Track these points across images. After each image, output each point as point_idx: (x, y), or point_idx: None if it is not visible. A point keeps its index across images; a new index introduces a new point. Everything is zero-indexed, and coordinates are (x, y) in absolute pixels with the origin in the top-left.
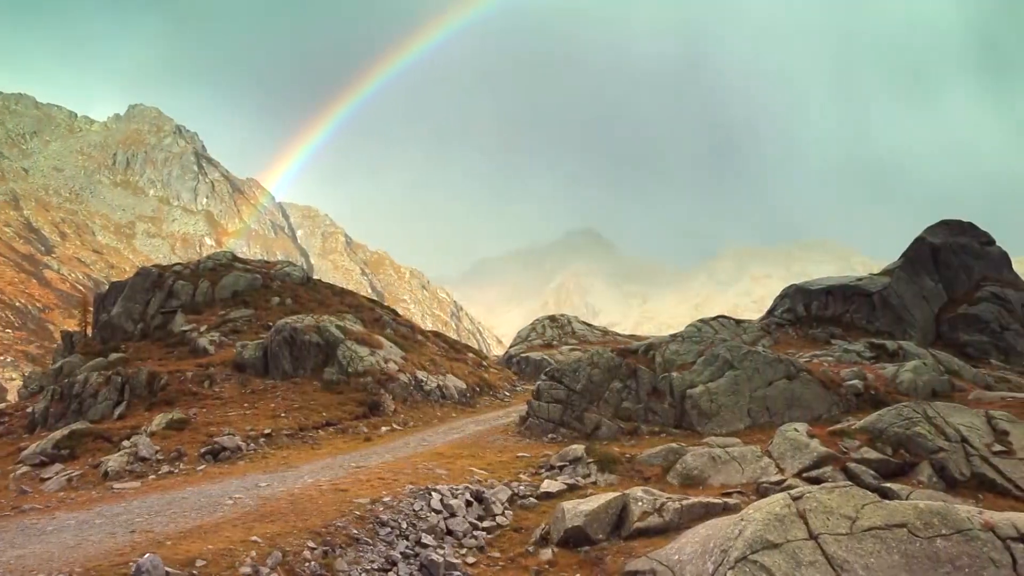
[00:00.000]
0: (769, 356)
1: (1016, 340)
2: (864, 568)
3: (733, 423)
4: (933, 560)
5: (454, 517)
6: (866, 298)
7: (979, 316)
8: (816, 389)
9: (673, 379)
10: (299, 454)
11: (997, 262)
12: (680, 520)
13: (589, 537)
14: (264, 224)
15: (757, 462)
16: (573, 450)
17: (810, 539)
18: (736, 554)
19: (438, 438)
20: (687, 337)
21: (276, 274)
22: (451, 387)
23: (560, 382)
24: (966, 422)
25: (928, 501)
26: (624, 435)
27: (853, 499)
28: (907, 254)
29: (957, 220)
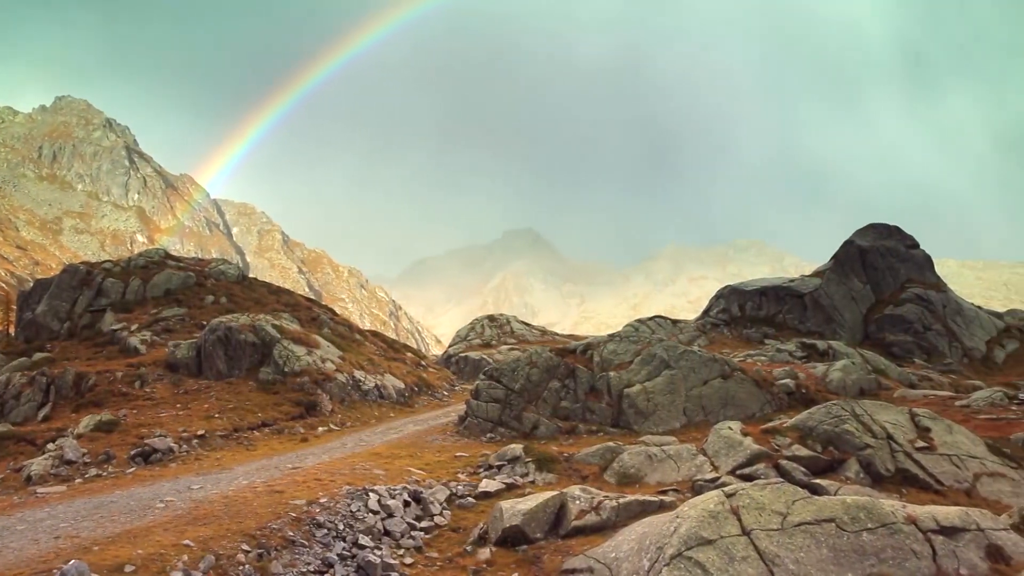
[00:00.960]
0: (704, 356)
1: (938, 340)
2: (794, 562)
3: (669, 422)
4: (859, 553)
5: (392, 518)
6: (798, 299)
7: (904, 317)
8: (750, 388)
9: (611, 378)
10: (234, 455)
11: (921, 264)
12: (617, 518)
13: (527, 536)
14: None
15: (692, 460)
16: (511, 449)
17: (743, 535)
18: (672, 551)
19: (376, 438)
20: (625, 337)
21: (211, 272)
22: (389, 387)
23: (499, 381)
24: (891, 419)
25: (855, 496)
26: (562, 434)
27: (784, 495)
28: (837, 256)
29: (884, 224)
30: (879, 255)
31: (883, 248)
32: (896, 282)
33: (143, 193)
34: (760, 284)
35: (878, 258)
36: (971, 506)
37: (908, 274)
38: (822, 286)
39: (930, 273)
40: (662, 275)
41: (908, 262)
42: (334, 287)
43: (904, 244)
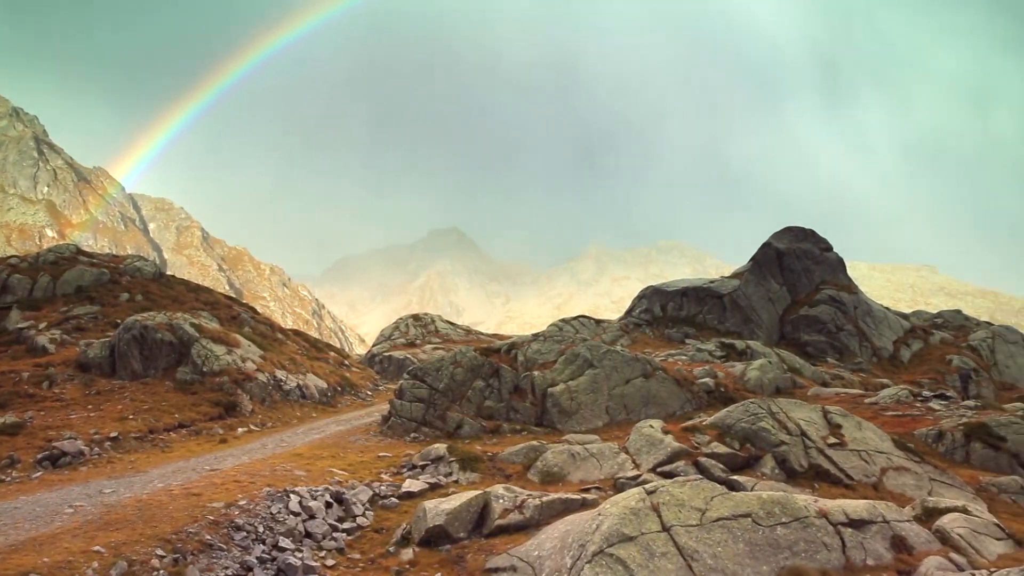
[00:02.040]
0: (627, 355)
1: (849, 340)
2: (712, 557)
3: (592, 420)
4: (774, 547)
5: (313, 519)
6: (718, 300)
7: (818, 317)
8: (671, 387)
9: (535, 378)
10: (149, 458)
11: (834, 267)
12: (540, 516)
13: (451, 536)
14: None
15: (615, 458)
16: (435, 449)
17: (663, 531)
18: (593, 548)
19: (298, 439)
20: (549, 336)
21: (126, 269)
22: (312, 387)
23: (423, 381)
24: (805, 417)
25: (770, 492)
26: (486, 433)
27: (703, 492)
28: (755, 258)
29: (800, 227)
30: (795, 257)
31: (799, 250)
32: (811, 283)
33: (53, 186)
34: (681, 285)
35: (794, 260)
36: (878, 499)
37: (822, 276)
38: (741, 287)
39: (843, 275)
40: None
41: (822, 264)
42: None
43: (819, 247)
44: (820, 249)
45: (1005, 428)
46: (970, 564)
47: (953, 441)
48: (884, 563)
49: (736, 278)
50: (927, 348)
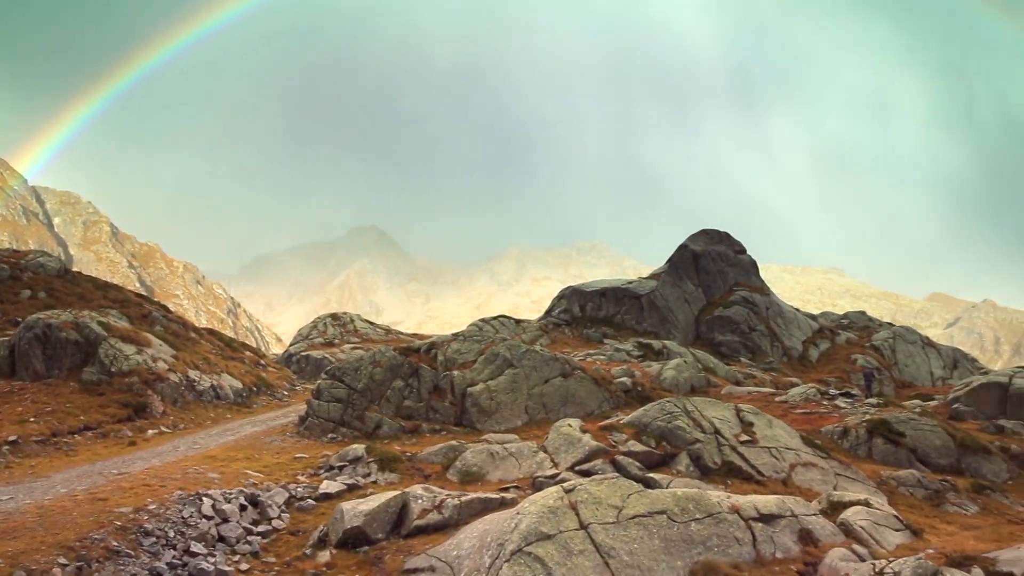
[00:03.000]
0: (546, 355)
1: (761, 340)
2: (628, 554)
3: (512, 420)
4: (688, 542)
5: (227, 523)
6: (635, 300)
7: (732, 318)
8: (589, 386)
9: (455, 377)
10: (51, 462)
11: (747, 269)
12: (459, 516)
13: (369, 537)
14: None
15: (534, 457)
16: (353, 450)
17: (581, 529)
18: (512, 547)
19: (211, 440)
20: (469, 336)
21: (28, 265)
22: (226, 387)
23: (341, 381)
24: (719, 415)
25: (685, 489)
26: (406, 433)
27: (620, 490)
28: (672, 260)
29: (715, 230)
30: (711, 259)
31: (714, 252)
32: (725, 285)
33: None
34: (600, 285)
35: (710, 262)
36: (787, 494)
37: (736, 278)
38: (658, 288)
39: (755, 277)
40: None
41: (736, 266)
42: (168, 283)
43: (733, 249)
44: (734, 251)
45: (904, 424)
46: (871, 555)
47: (857, 437)
48: (792, 556)
49: (653, 279)
50: (834, 348)
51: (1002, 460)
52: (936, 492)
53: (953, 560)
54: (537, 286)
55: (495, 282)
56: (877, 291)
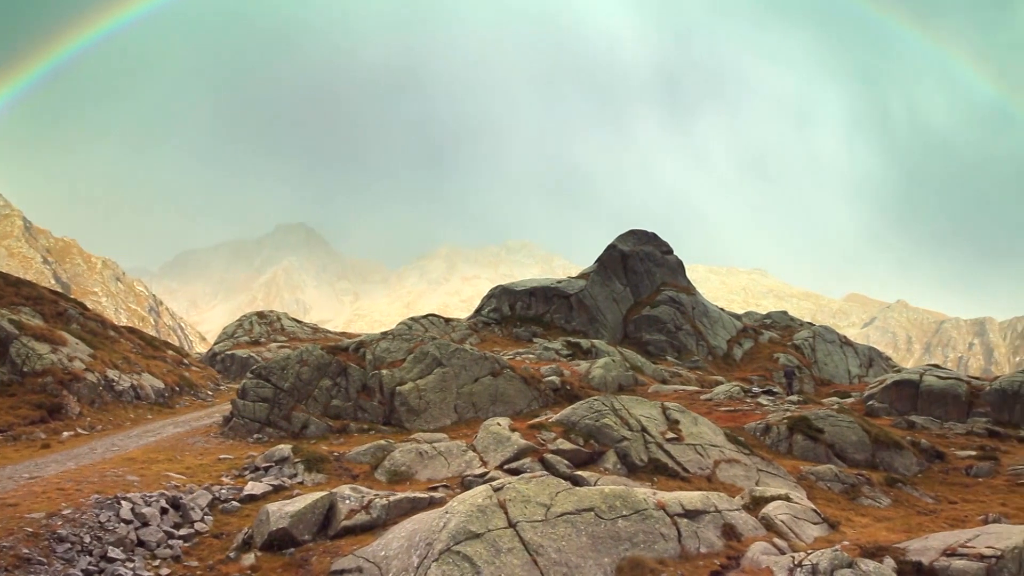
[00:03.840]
0: (476, 354)
1: (688, 339)
2: (556, 551)
3: (441, 419)
4: (615, 539)
5: (147, 527)
6: (565, 299)
7: (659, 317)
8: (518, 385)
9: (383, 376)
10: None
11: (674, 269)
12: (387, 516)
13: (295, 539)
14: None
15: (463, 456)
16: (280, 450)
17: (509, 527)
18: (440, 546)
19: (131, 442)
20: (398, 335)
21: None
22: (147, 387)
23: (267, 380)
24: (646, 413)
25: (612, 486)
26: (333, 433)
27: (548, 488)
28: (601, 259)
29: (643, 230)
30: (638, 259)
31: (642, 253)
32: (653, 285)
33: None
34: (530, 285)
35: (638, 262)
36: (711, 490)
37: (663, 278)
38: (587, 288)
39: (682, 277)
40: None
41: (663, 267)
42: (85, 280)
43: (660, 250)
44: (661, 252)
45: (823, 421)
46: (791, 548)
47: (778, 434)
48: (716, 550)
49: (582, 279)
50: (757, 347)
51: (913, 454)
52: (852, 486)
53: (867, 551)
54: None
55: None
56: (798, 291)
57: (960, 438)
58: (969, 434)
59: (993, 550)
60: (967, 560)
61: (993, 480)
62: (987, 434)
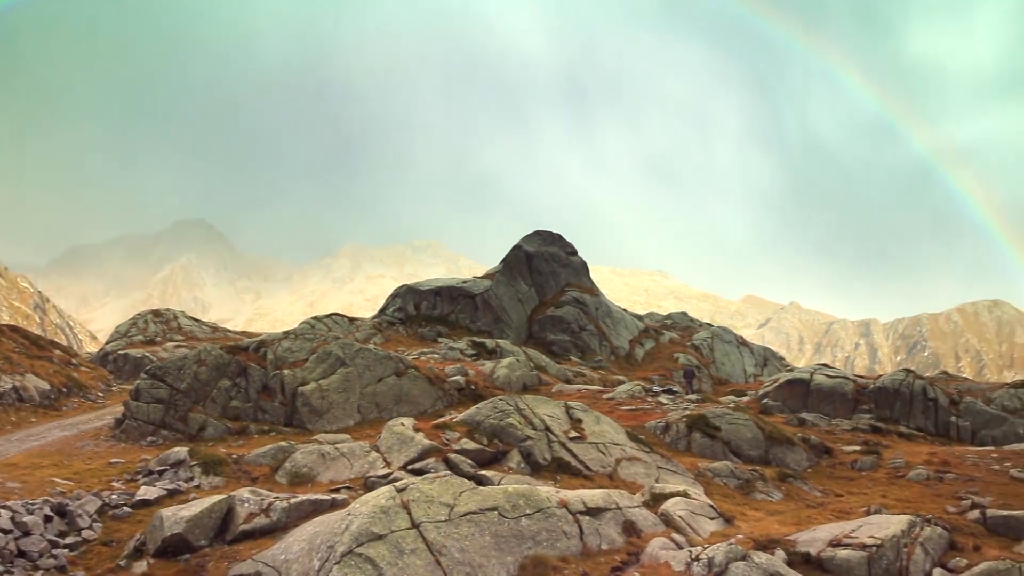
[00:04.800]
0: (380, 353)
1: (591, 339)
2: (460, 551)
3: (344, 419)
4: (518, 538)
5: (28, 536)
6: (470, 299)
7: (563, 318)
8: (423, 385)
9: (285, 376)
10: None
11: (579, 270)
12: (288, 519)
13: (190, 544)
14: None
15: (366, 457)
16: (175, 453)
17: (413, 528)
18: (342, 548)
19: (12, 447)
20: (300, 334)
21: None
22: (31, 388)
23: (163, 381)
24: (550, 412)
25: (516, 485)
26: (232, 435)
27: (452, 487)
28: (506, 260)
29: (548, 231)
30: (543, 260)
31: (547, 253)
32: (557, 285)
33: None
34: (435, 284)
35: (542, 263)
36: (613, 488)
37: (568, 278)
38: (492, 288)
39: (586, 278)
40: (341, 273)
41: (568, 267)
42: None
43: (565, 251)
44: (566, 253)
45: (720, 419)
46: (688, 542)
47: (677, 432)
48: (617, 547)
49: (488, 279)
50: (658, 347)
51: (803, 450)
52: (747, 482)
53: (760, 544)
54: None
55: (329, 279)
56: (698, 293)
57: (846, 434)
58: (854, 430)
59: (874, 539)
60: (851, 550)
61: (875, 473)
62: (870, 430)
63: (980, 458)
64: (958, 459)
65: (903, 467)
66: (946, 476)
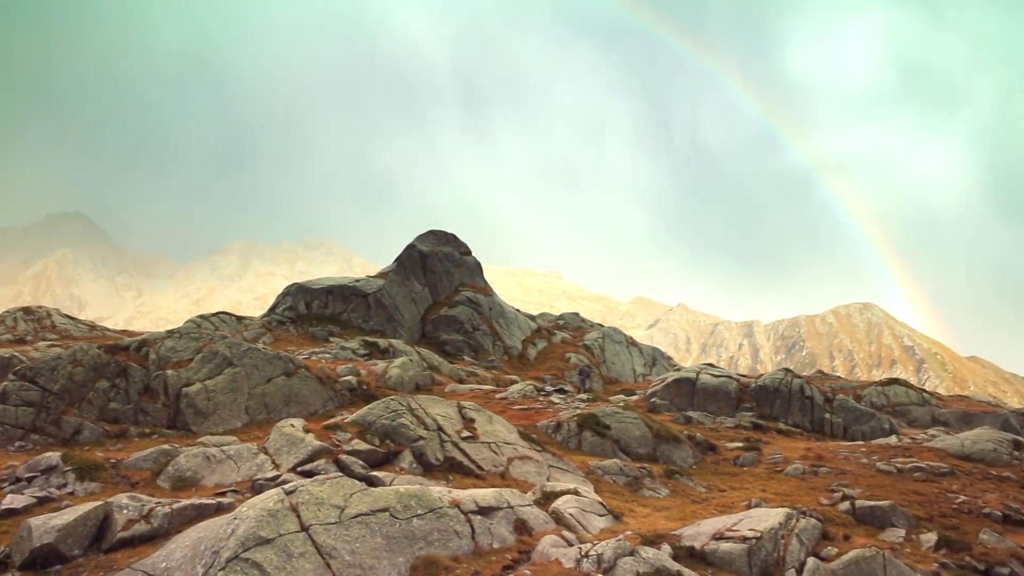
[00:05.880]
0: (269, 353)
1: (484, 339)
2: (350, 553)
3: (231, 421)
4: (410, 538)
5: None
6: (363, 298)
7: (456, 317)
8: (314, 385)
9: (168, 377)
10: None
11: (473, 270)
12: (170, 525)
13: (62, 554)
14: None
15: (254, 459)
16: (46, 458)
17: (302, 531)
18: (228, 554)
19: None
20: (185, 333)
21: None
22: None
23: (34, 382)
24: (442, 412)
25: (408, 486)
26: (111, 438)
27: (343, 489)
28: (400, 259)
29: (443, 231)
30: (437, 260)
31: (441, 253)
32: (451, 285)
33: None
34: (327, 283)
35: (436, 262)
36: (505, 487)
37: (462, 278)
38: (385, 287)
39: (480, 278)
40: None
41: (462, 267)
42: None
43: (459, 251)
44: (460, 253)
45: (610, 418)
46: (578, 539)
47: (569, 431)
48: (508, 545)
49: (381, 278)
50: (550, 347)
51: (689, 447)
52: (635, 479)
53: (647, 539)
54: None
55: (216, 277)
56: (590, 294)
57: (730, 431)
58: (737, 427)
59: (754, 532)
60: (732, 543)
61: (756, 469)
62: (752, 427)
63: (851, 452)
64: (831, 454)
65: (782, 462)
66: (820, 470)
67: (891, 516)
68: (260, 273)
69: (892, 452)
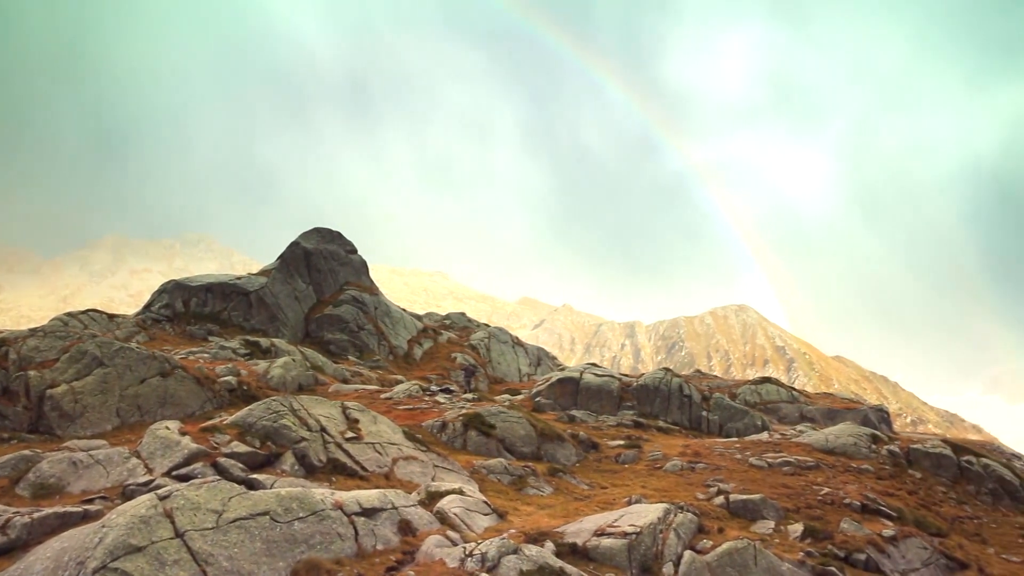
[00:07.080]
0: (143, 353)
1: (370, 338)
2: (228, 559)
3: (101, 424)
4: (291, 542)
5: None
6: (244, 296)
7: (341, 317)
8: (191, 386)
9: (30, 378)
10: None
11: (358, 269)
12: (30, 536)
13: None
14: None
15: (125, 464)
16: None
17: (176, 537)
18: (95, 564)
19: None
20: (50, 332)
21: None
22: None
23: None
24: (326, 413)
25: (289, 488)
26: None
27: (221, 493)
28: (283, 256)
29: (328, 229)
30: (322, 258)
31: (326, 251)
32: (336, 284)
33: None
34: (207, 280)
35: (321, 260)
36: (390, 488)
37: (347, 277)
38: (268, 285)
39: (365, 277)
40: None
41: (347, 266)
42: None
43: (344, 249)
44: (346, 251)
45: (495, 417)
46: (463, 539)
47: (454, 430)
48: (392, 546)
49: (264, 276)
50: (436, 347)
51: (572, 446)
52: (520, 477)
53: (531, 537)
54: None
55: (86, 273)
56: (476, 294)
57: (612, 429)
58: (619, 425)
59: (634, 527)
60: (613, 538)
61: (636, 466)
62: (633, 425)
63: (726, 448)
64: (708, 450)
65: (661, 459)
66: (697, 466)
67: (762, 509)
68: (135, 269)
69: (764, 448)
